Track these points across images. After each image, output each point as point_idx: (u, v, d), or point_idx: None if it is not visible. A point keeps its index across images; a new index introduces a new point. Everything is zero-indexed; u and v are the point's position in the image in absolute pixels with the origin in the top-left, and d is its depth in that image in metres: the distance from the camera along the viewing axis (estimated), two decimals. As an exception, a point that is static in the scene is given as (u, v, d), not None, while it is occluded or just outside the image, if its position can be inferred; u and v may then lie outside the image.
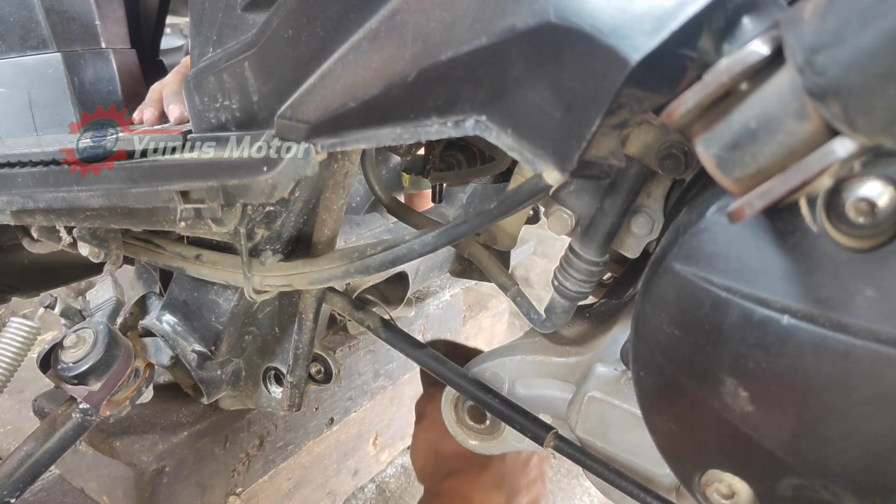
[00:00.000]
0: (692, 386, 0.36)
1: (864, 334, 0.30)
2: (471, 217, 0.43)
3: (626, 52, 0.27)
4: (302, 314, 0.61)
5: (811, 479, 0.34)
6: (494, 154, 0.71)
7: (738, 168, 0.26)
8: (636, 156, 0.46)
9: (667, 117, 0.27)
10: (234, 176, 0.44)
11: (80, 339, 0.60)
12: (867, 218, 0.29)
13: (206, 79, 0.47)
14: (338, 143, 0.39)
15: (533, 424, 0.54)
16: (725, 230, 0.34)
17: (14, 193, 0.56)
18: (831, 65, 0.22)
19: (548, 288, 0.55)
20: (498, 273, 0.63)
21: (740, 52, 0.25)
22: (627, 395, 0.49)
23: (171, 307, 0.65)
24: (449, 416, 0.62)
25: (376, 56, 0.36)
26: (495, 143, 0.33)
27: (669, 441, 0.40)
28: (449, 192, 1.02)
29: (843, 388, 0.31)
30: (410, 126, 0.36)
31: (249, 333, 0.64)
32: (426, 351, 0.59)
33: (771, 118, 0.25)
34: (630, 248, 0.53)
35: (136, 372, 0.64)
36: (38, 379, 0.64)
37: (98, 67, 0.75)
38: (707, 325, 0.34)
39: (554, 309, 0.54)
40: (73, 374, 0.59)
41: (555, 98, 0.30)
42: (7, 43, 0.73)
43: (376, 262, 0.48)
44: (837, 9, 0.22)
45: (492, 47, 0.31)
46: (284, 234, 0.57)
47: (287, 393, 0.63)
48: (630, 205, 0.50)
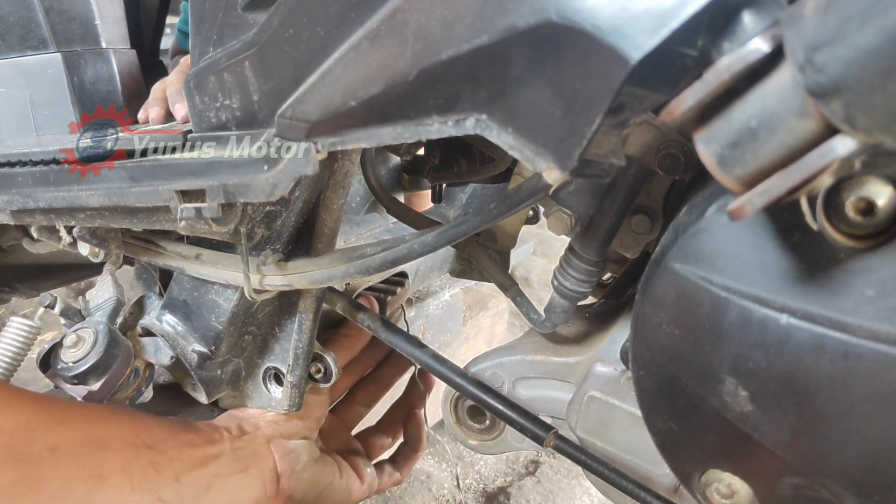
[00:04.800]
0: (692, 386, 0.36)
1: (864, 334, 0.30)
2: (471, 217, 0.43)
3: (626, 50, 0.27)
4: (302, 314, 0.61)
5: (811, 478, 0.34)
6: (494, 154, 0.71)
7: (738, 166, 0.26)
8: (636, 155, 0.46)
9: (667, 116, 0.27)
10: (234, 175, 0.44)
11: (80, 338, 0.60)
12: (867, 217, 0.29)
13: (207, 78, 0.47)
14: (338, 143, 0.39)
15: (533, 424, 0.54)
16: (725, 229, 0.34)
17: (14, 193, 0.56)
18: (832, 63, 0.22)
19: (548, 288, 0.55)
20: (498, 273, 0.63)
21: (741, 51, 0.25)
22: (627, 395, 0.49)
23: (171, 307, 0.65)
24: (448, 415, 0.62)
25: (377, 55, 0.36)
26: (496, 141, 0.33)
27: (669, 441, 0.40)
28: (449, 192, 1.02)
29: (842, 387, 0.31)
30: (411, 125, 0.36)
31: (249, 333, 0.64)
32: (426, 351, 0.59)
33: (771, 116, 0.25)
34: (630, 247, 0.53)
35: (135, 372, 0.64)
36: (38, 379, 0.64)
37: (98, 67, 0.75)
38: (707, 324, 0.34)
39: (553, 309, 0.54)
40: (72, 374, 0.59)
41: (555, 97, 0.30)
42: (7, 43, 0.73)
43: (376, 262, 0.48)
44: (838, 6, 0.22)
45: (492, 46, 0.31)
46: (284, 233, 0.57)
47: (287, 393, 0.63)
48: (630, 204, 0.50)
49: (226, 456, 0.56)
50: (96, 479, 0.48)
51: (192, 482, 0.53)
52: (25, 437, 0.46)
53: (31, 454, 0.46)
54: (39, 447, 0.46)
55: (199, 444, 0.56)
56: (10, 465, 0.44)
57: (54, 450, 0.47)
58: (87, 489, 0.48)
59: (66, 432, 0.49)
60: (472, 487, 1.43)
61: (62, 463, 0.47)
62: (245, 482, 0.57)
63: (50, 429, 0.48)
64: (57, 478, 0.46)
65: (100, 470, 0.48)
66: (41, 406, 0.49)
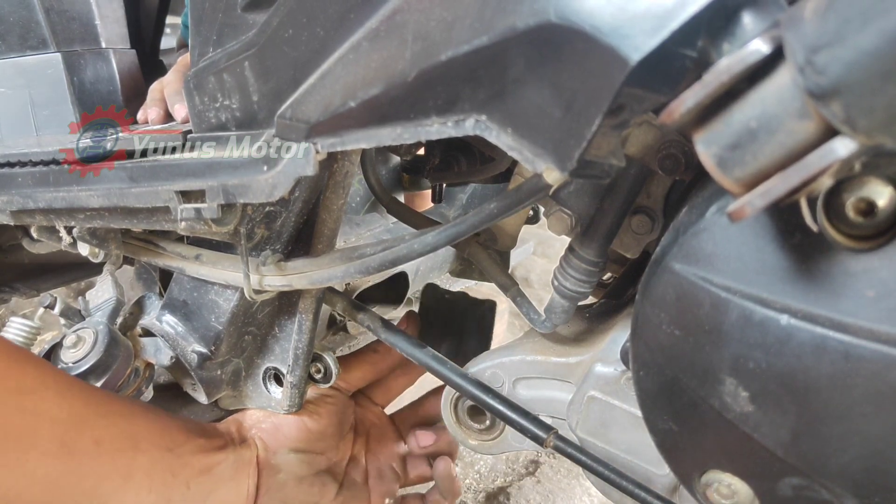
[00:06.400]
0: (692, 386, 0.36)
1: (864, 334, 0.30)
2: (471, 217, 0.43)
3: (626, 51, 0.27)
4: (302, 314, 0.61)
5: (811, 479, 0.34)
6: (494, 154, 0.71)
7: (738, 167, 0.26)
8: (636, 156, 0.46)
9: (667, 117, 0.27)
10: (234, 176, 0.44)
11: (79, 339, 0.60)
12: (867, 218, 0.29)
13: (206, 78, 0.47)
14: (338, 143, 0.39)
15: (533, 424, 0.54)
16: (725, 230, 0.34)
17: (14, 193, 0.56)
18: (832, 64, 0.22)
19: (548, 288, 0.55)
20: (498, 273, 0.63)
21: (741, 52, 0.25)
22: (627, 395, 0.49)
23: (170, 307, 0.65)
24: (448, 416, 0.62)
25: (376, 55, 0.36)
26: (495, 142, 0.33)
27: (669, 441, 0.40)
28: (449, 192, 1.02)
29: (842, 388, 0.31)
30: (410, 126, 0.36)
31: (249, 333, 0.64)
32: (426, 351, 0.59)
33: (771, 118, 0.25)
34: (630, 248, 0.53)
35: (135, 372, 0.64)
36: (37, 379, 0.64)
37: (98, 67, 0.75)
38: (707, 325, 0.34)
39: (554, 309, 0.54)
40: (73, 374, 0.59)
41: (555, 98, 0.30)
42: (7, 43, 0.73)
43: (376, 262, 0.48)
44: (838, 8, 0.22)
45: (492, 47, 0.31)
46: (284, 234, 0.57)
47: (287, 393, 0.63)
48: (630, 205, 0.50)
49: (226, 464, 0.57)
50: (124, 477, 0.49)
51: (198, 488, 0.54)
52: (75, 429, 0.47)
53: (78, 448, 0.47)
54: (86, 440, 0.47)
55: (209, 451, 0.56)
56: (62, 458, 0.46)
57: (98, 444, 0.48)
58: (114, 487, 0.49)
59: (109, 426, 0.50)
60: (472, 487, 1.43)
61: (102, 458, 0.48)
62: (236, 491, 0.58)
63: (96, 422, 0.49)
64: (93, 473, 0.48)
65: (129, 469, 0.50)
66: (90, 397, 0.50)
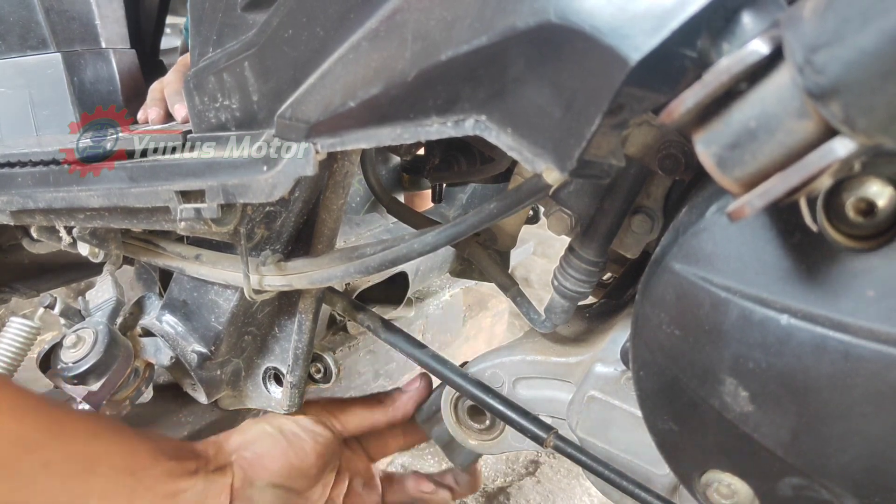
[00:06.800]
0: (692, 386, 0.36)
1: (864, 334, 0.30)
2: (471, 217, 0.43)
3: (625, 51, 0.27)
4: (302, 314, 0.61)
5: (811, 478, 0.34)
6: (494, 154, 0.71)
7: (737, 167, 0.26)
8: (636, 156, 0.46)
9: (666, 117, 0.27)
10: (233, 176, 0.44)
11: (79, 339, 0.60)
12: (867, 218, 0.29)
13: (206, 78, 0.47)
14: (337, 143, 0.39)
15: (533, 424, 0.54)
16: (725, 230, 0.34)
17: (14, 193, 0.56)
18: (831, 64, 0.22)
19: (548, 288, 0.55)
20: (498, 273, 0.63)
21: (740, 52, 0.25)
22: (627, 395, 0.49)
23: (170, 307, 0.65)
24: (448, 416, 0.62)
25: (376, 55, 0.36)
26: (495, 142, 0.33)
27: (670, 441, 0.40)
28: (449, 192, 1.02)
29: (842, 387, 0.31)
30: (410, 126, 0.36)
31: (249, 333, 0.64)
32: (426, 351, 0.59)
33: (771, 117, 0.25)
34: (630, 248, 0.53)
35: (135, 372, 0.64)
36: (38, 379, 0.64)
37: (98, 67, 0.75)
38: (707, 325, 0.34)
39: (554, 309, 0.54)
40: (72, 374, 0.59)
41: (555, 98, 0.30)
42: (7, 43, 0.73)
43: (376, 262, 0.48)
44: (837, 8, 0.22)
45: (492, 46, 0.31)
46: (284, 234, 0.57)
47: (287, 393, 0.63)
48: (630, 205, 0.50)
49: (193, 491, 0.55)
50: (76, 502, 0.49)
51: None
52: (22, 449, 0.46)
53: (24, 469, 0.46)
54: (34, 462, 0.46)
55: (177, 476, 0.55)
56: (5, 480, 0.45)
57: (46, 466, 0.47)
58: None
59: (60, 447, 0.49)
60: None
61: (51, 481, 0.47)
62: None
63: (46, 443, 0.48)
64: (41, 497, 0.47)
65: (83, 492, 0.49)
66: (41, 415, 0.49)
